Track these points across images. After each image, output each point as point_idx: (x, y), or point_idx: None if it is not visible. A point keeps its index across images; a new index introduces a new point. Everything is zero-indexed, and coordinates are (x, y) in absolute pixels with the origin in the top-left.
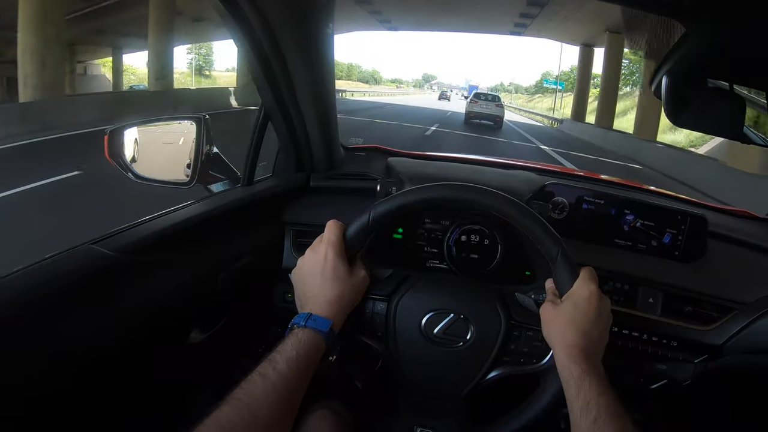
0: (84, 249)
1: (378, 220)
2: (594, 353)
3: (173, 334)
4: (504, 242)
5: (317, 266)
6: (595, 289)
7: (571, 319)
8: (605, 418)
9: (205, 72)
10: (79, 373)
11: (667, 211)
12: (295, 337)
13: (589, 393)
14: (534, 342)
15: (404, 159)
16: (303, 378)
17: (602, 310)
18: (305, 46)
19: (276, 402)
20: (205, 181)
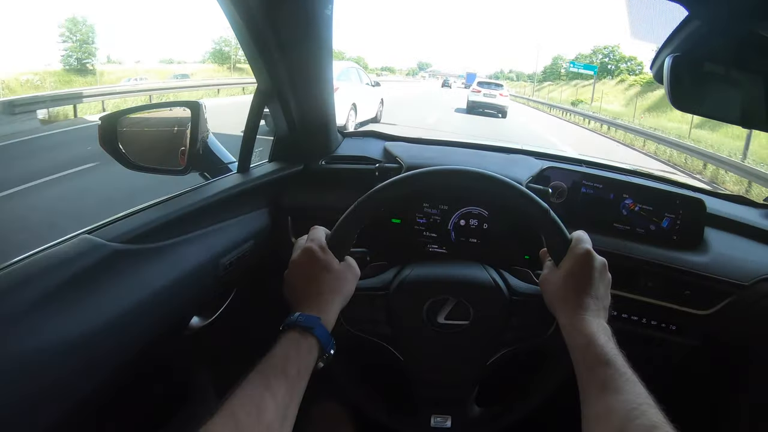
0: (80, 239)
1: (360, 215)
2: (599, 312)
3: (173, 322)
4: (503, 226)
5: (301, 267)
6: (589, 248)
7: (571, 282)
8: (613, 382)
9: (87, 66)
10: (78, 364)
11: (666, 195)
12: (283, 339)
13: (595, 358)
14: (537, 314)
15: (402, 143)
16: (295, 379)
17: (600, 268)
18: (303, 28)
19: (265, 408)
20: (201, 168)
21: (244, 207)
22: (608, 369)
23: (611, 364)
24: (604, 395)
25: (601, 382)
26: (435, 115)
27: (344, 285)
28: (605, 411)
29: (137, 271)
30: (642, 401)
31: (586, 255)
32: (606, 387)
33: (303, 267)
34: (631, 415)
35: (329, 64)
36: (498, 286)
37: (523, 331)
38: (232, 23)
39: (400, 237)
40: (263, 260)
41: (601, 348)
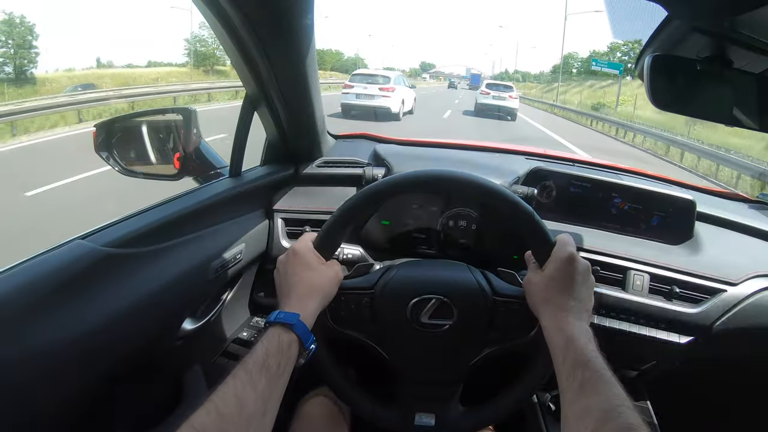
0: (74, 244)
1: (347, 218)
2: (581, 314)
3: (166, 324)
4: (491, 227)
5: (287, 266)
6: (572, 252)
7: (554, 284)
8: (591, 383)
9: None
10: (73, 366)
11: (656, 195)
12: (265, 335)
13: (574, 359)
14: (520, 315)
15: (392, 145)
16: (275, 373)
17: (583, 271)
18: (284, 37)
19: (245, 400)
20: (194, 173)
21: (236, 210)
22: (587, 370)
23: (590, 366)
24: (583, 396)
25: (580, 383)
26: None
27: (325, 284)
28: (583, 411)
29: (130, 275)
30: (620, 402)
31: (569, 258)
32: (584, 388)
33: (286, 266)
34: (608, 416)
35: (314, 70)
36: (481, 286)
37: (507, 332)
38: (216, 32)
39: (390, 238)
40: (255, 262)
41: (581, 349)
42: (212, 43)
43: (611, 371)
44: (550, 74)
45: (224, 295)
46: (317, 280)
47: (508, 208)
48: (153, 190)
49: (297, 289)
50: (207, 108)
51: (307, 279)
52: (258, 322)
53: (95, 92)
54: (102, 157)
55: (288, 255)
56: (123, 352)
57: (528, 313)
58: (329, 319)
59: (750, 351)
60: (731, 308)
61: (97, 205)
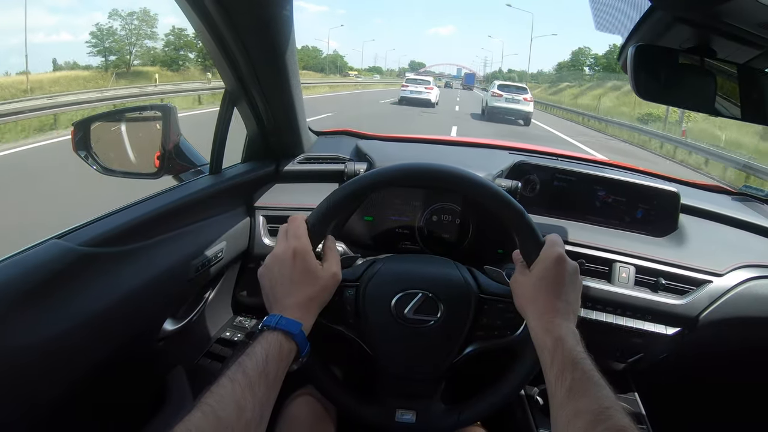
0: (50, 244)
1: (338, 206)
2: (568, 316)
3: (146, 324)
4: (475, 221)
5: (286, 268)
6: (561, 252)
7: (543, 285)
8: (580, 384)
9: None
10: (50, 367)
11: (639, 187)
12: (265, 339)
13: (563, 361)
14: (506, 314)
15: (374, 141)
16: (273, 381)
17: (571, 272)
18: (263, 30)
19: (245, 406)
20: (174, 171)
21: (217, 208)
22: (576, 372)
23: (579, 368)
24: (572, 398)
25: (569, 385)
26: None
27: (327, 295)
28: (573, 413)
29: (108, 274)
30: (609, 404)
31: (558, 259)
32: (573, 390)
33: (290, 268)
34: (598, 418)
35: (294, 64)
36: (467, 284)
37: (492, 330)
38: (194, 26)
39: (372, 234)
40: (237, 261)
41: (569, 351)
42: (126, 37)
43: (600, 373)
44: (555, 73)
45: (206, 295)
46: (318, 290)
47: (498, 206)
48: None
49: (297, 297)
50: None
51: (309, 288)
52: (241, 322)
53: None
54: (80, 156)
55: (292, 257)
56: (102, 354)
57: (514, 313)
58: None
59: (736, 341)
60: (717, 299)
61: None
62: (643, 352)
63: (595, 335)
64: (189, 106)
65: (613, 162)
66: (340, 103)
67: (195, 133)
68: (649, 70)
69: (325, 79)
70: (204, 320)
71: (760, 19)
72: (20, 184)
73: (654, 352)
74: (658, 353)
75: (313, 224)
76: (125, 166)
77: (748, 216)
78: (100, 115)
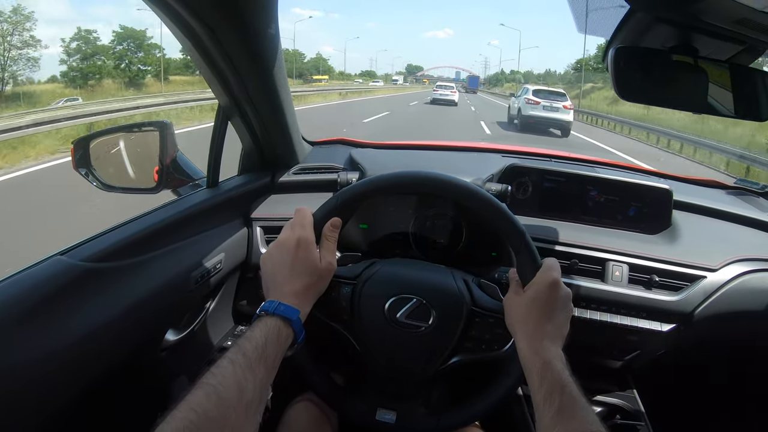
0: (53, 260)
1: (346, 204)
2: (556, 340)
3: (148, 336)
4: (469, 226)
5: (288, 255)
6: (557, 278)
7: (535, 307)
8: (568, 408)
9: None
10: (55, 381)
11: (631, 186)
12: (264, 323)
13: (551, 384)
14: (495, 330)
15: (368, 149)
16: (271, 364)
17: (564, 297)
18: (250, 49)
19: (246, 387)
20: (173, 185)
21: (214, 220)
22: (564, 395)
23: (566, 391)
24: (560, 421)
25: (557, 408)
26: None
27: (323, 285)
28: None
29: (110, 288)
30: (595, 429)
31: (553, 283)
32: (562, 413)
33: (292, 256)
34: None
35: (283, 78)
36: (461, 294)
37: (480, 343)
38: (183, 45)
39: (368, 241)
40: (235, 271)
41: (558, 374)
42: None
43: (585, 397)
44: (573, 72)
45: (206, 305)
46: (316, 280)
47: (501, 224)
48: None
49: (295, 285)
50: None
51: (307, 278)
52: (242, 331)
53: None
54: (81, 174)
55: (296, 245)
56: (106, 366)
57: (503, 329)
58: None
59: (732, 335)
60: (711, 294)
61: None
62: (639, 349)
63: (590, 334)
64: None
65: (605, 161)
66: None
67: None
68: (632, 71)
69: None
70: (205, 330)
71: (736, 16)
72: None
73: (650, 348)
74: (654, 350)
75: (319, 218)
76: (125, 182)
77: (743, 210)
78: (98, 133)
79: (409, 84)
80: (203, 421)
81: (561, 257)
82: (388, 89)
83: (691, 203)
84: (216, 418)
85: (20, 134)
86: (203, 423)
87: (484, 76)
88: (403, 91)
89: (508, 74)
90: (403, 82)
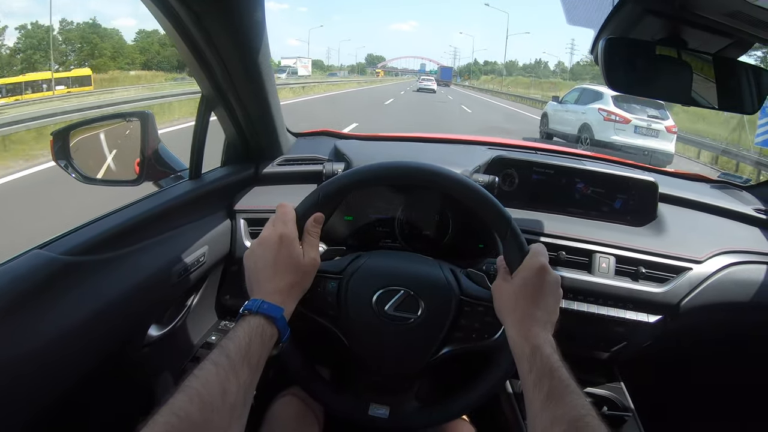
0: (32, 254)
1: (328, 198)
2: (546, 325)
3: (131, 331)
4: (455, 217)
5: (270, 252)
6: (545, 263)
7: (522, 294)
8: (558, 392)
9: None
10: (35, 378)
11: (617, 178)
12: (247, 323)
13: (541, 369)
14: (485, 318)
15: (352, 141)
16: (255, 364)
17: (552, 282)
18: (235, 35)
19: (229, 389)
20: (154, 177)
21: (198, 213)
22: (553, 380)
23: (556, 376)
24: (550, 406)
25: (546, 393)
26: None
27: (306, 282)
28: (550, 421)
29: (91, 283)
30: (586, 412)
31: (541, 269)
32: (551, 397)
33: (274, 253)
34: (575, 425)
35: (268, 67)
36: (449, 284)
37: (470, 332)
38: (167, 32)
39: (353, 233)
40: (219, 265)
41: (547, 359)
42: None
43: (576, 381)
44: (588, 65)
45: (190, 300)
46: (300, 277)
47: (487, 212)
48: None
49: (279, 283)
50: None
51: (291, 276)
52: (226, 326)
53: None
54: (60, 165)
55: (278, 242)
56: (88, 362)
57: (492, 317)
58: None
59: (718, 327)
60: (697, 286)
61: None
62: (626, 340)
63: (577, 325)
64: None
65: (590, 153)
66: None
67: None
68: (622, 63)
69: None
70: (189, 325)
71: (727, 9)
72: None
73: (637, 340)
74: (641, 341)
75: (301, 213)
76: (105, 174)
77: (727, 203)
78: (78, 123)
79: (355, 78)
80: (186, 425)
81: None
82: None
83: (676, 196)
84: (199, 422)
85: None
86: (186, 427)
87: (457, 67)
88: (339, 89)
89: (482, 65)
90: (347, 75)
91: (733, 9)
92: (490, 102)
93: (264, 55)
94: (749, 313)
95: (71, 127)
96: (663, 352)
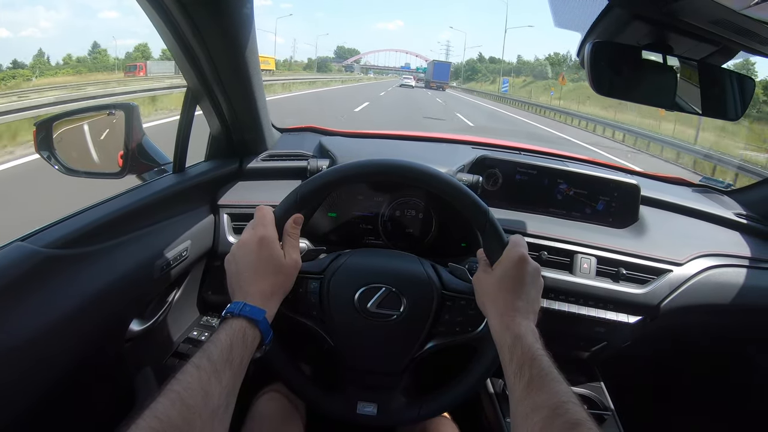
0: (12, 247)
1: (305, 198)
2: (528, 315)
3: (112, 325)
4: (438, 215)
5: (250, 256)
6: (524, 253)
7: (503, 285)
8: (538, 380)
9: None
10: (15, 372)
11: (600, 180)
12: (229, 326)
13: (522, 357)
14: (468, 311)
15: (337, 137)
16: (237, 367)
17: (533, 272)
18: (223, 28)
19: (211, 392)
20: (138, 170)
21: (181, 207)
22: (534, 368)
23: (537, 364)
24: (530, 393)
25: (527, 381)
26: None
27: (287, 284)
28: (531, 408)
29: (72, 276)
30: (566, 399)
31: (520, 259)
32: (532, 385)
33: (255, 256)
34: (555, 412)
35: (255, 62)
36: (431, 279)
37: (453, 326)
38: (154, 23)
39: (336, 230)
40: (202, 260)
41: (528, 348)
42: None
43: (557, 369)
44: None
45: (172, 294)
46: (282, 279)
47: (464, 205)
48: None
49: (261, 285)
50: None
51: (273, 277)
52: (208, 321)
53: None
54: (43, 157)
55: (258, 245)
56: (69, 357)
57: (475, 310)
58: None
59: (697, 328)
60: (677, 288)
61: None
62: (606, 340)
63: (558, 325)
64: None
65: (574, 156)
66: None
67: None
68: (608, 67)
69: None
70: (171, 320)
71: (713, 16)
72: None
73: (617, 340)
74: (621, 341)
75: (280, 215)
76: (88, 166)
77: (708, 207)
78: (61, 114)
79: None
80: (168, 429)
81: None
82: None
83: (658, 199)
84: (181, 426)
85: None
86: (168, 430)
87: (455, 65)
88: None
89: (475, 60)
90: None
91: (719, 17)
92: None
93: (251, 49)
94: (728, 315)
95: (55, 118)
96: (643, 353)
